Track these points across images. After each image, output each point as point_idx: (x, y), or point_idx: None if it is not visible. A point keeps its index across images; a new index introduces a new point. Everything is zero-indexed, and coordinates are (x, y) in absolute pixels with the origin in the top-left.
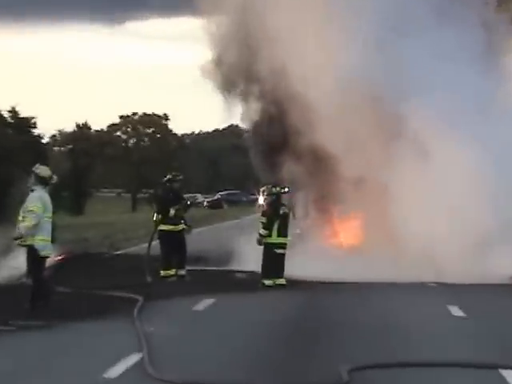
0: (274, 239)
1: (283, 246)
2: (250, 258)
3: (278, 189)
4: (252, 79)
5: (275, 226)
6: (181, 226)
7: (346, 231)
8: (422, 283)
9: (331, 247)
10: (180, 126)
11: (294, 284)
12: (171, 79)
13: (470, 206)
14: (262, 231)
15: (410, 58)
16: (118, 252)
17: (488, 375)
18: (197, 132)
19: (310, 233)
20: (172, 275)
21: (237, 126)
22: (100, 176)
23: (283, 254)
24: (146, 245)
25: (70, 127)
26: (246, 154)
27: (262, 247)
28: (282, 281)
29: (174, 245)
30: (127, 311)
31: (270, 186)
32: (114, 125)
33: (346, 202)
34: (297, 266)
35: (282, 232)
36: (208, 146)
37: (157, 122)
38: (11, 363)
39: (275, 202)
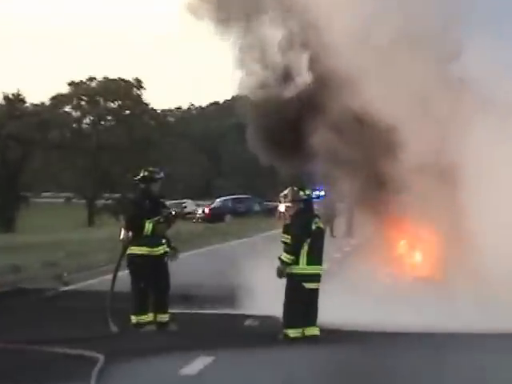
0: (303, 268)
1: (316, 278)
2: (266, 297)
3: (307, 192)
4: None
5: (304, 249)
6: (161, 249)
7: (413, 254)
8: None
9: (389, 279)
10: (160, 98)
11: (333, 335)
12: (145, 32)
13: None
14: (285, 256)
15: None
16: (68, 288)
17: None
18: (185, 107)
19: (355, 257)
20: (149, 322)
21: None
22: (40, 173)
23: (316, 291)
24: (110, 277)
25: None
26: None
27: (284, 280)
28: (314, 330)
29: (151, 276)
30: (81, 377)
31: (295, 189)
32: (60, 96)
33: (411, 205)
34: (337, 307)
35: (315, 257)
36: (202, 127)
37: (125, 91)
38: None
39: (304, 211)
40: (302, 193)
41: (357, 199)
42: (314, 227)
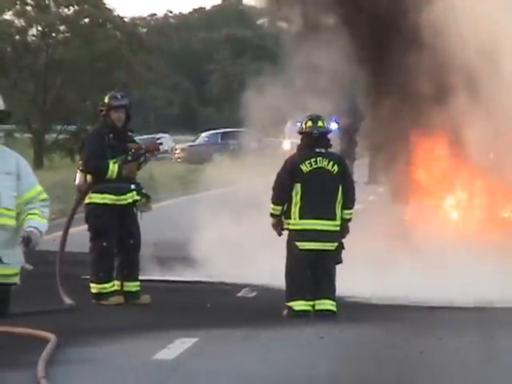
0: (295, 223)
1: (316, 235)
2: (266, 261)
3: (319, 124)
4: None
5: (297, 197)
6: (130, 197)
7: (459, 206)
8: None
9: (426, 240)
10: (128, 2)
11: (355, 310)
12: None
13: None
14: (270, 206)
15: None
16: None
17: None
18: (161, 14)
19: (383, 210)
20: (114, 292)
21: None
22: None
23: (323, 253)
24: (61, 233)
25: None
26: (262, 52)
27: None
28: (328, 304)
29: (116, 233)
30: (27, 362)
31: (313, 119)
32: None
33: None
34: (356, 277)
35: (313, 208)
36: (183, 40)
37: None
38: None
39: (303, 148)
40: (314, 123)
41: (387, 132)
42: (307, 168)
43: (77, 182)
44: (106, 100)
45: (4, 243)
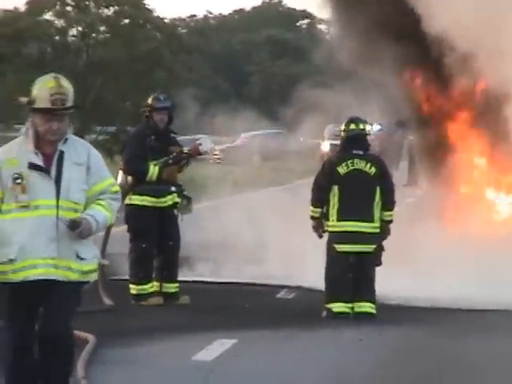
0: (333, 225)
1: (354, 238)
2: (306, 263)
3: (361, 126)
4: None
5: (334, 199)
6: (170, 199)
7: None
8: None
9: (470, 243)
10: (169, 3)
11: (395, 313)
12: None
13: None
14: (310, 208)
15: None
16: None
17: None
18: (201, 16)
19: (422, 212)
20: (153, 293)
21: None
22: (10, 100)
23: (362, 255)
24: (101, 234)
25: None
26: (303, 55)
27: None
28: (367, 306)
29: (156, 235)
30: None
31: (349, 121)
32: (39, 0)
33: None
34: (400, 279)
35: (351, 210)
36: (223, 41)
37: None
38: None
39: (341, 150)
40: (353, 125)
41: (427, 136)
42: (343, 170)
43: (118, 181)
44: (149, 101)
45: (76, 237)
